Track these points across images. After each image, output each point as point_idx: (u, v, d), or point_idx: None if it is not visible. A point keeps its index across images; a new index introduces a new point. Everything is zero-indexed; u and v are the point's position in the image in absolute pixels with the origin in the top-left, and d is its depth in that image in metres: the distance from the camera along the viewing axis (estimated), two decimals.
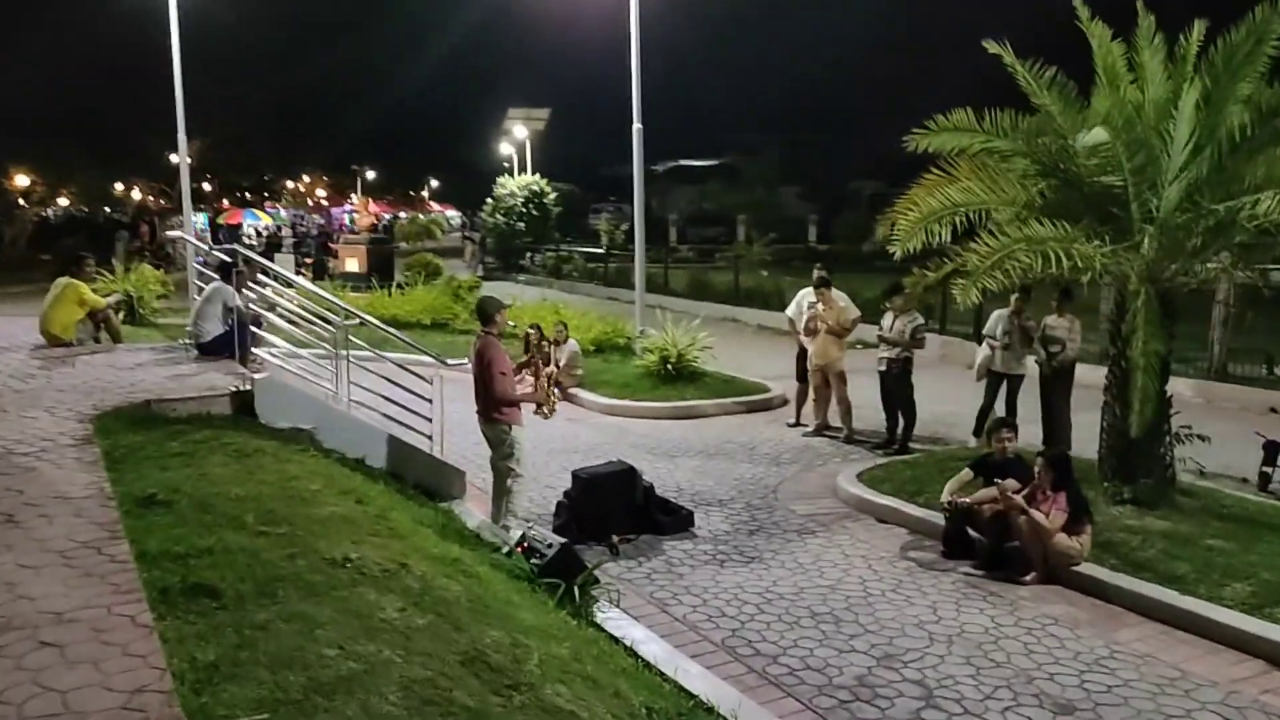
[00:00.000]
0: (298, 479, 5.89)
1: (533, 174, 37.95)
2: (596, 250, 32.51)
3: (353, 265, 25.88)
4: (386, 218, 68.23)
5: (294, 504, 5.32)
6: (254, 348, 8.81)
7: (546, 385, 8.69)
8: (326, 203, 78.06)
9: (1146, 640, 5.95)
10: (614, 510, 7.74)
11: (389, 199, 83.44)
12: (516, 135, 39.65)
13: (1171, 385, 7.86)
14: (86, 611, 3.76)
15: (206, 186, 61.36)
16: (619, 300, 24.13)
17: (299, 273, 23.55)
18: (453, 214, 79.10)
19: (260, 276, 9.65)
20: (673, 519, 7.96)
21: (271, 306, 9.47)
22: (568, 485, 8.10)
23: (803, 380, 11.51)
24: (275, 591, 4.00)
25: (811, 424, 11.26)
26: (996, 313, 10.16)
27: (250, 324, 8.90)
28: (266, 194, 72.24)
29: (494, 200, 37.92)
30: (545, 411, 8.68)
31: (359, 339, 8.68)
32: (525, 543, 6.26)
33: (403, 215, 72.90)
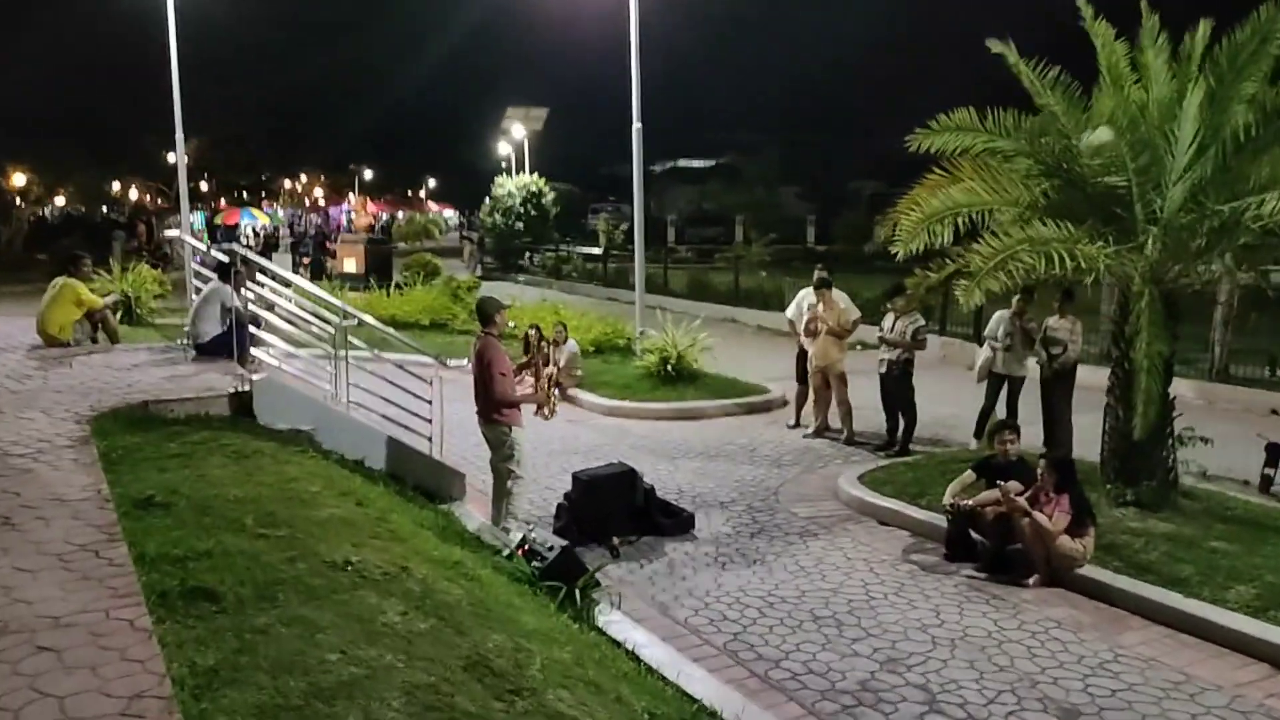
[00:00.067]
0: (297, 480, 5.85)
1: (531, 174, 37.89)
2: (595, 250, 32.49)
3: (350, 265, 25.85)
4: (384, 217, 68.25)
5: (293, 506, 5.29)
6: (252, 348, 8.78)
7: (547, 386, 8.64)
8: (324, 202, 78.05)
9: (1150, 644, 5.92)
10: (614, 512, 7.71)
11: (386, 199, 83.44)
12: (515, 135, 39.58)
13: (1173, 387, 7.83)
14: (84, 615, 3.73)
15: (204, 186, 61.29)
16: (618, 300, 24.10)
17: (296, 273, 23.48)
18: (450, 214, 79.12)
19: (259, 276, 9.62)
20: (674, 521, 7.93)
21: (270, 307, 9.44)
22: (568, 487, 8.07)
23: (803, 381, 11.47)
24: (275, 595, 3.97)
25: (812, 425, 11.23)
26: (998, 314, 10.12)
27: (248, 324, 8.86)
28: (264, 194, 72.15)
29: (492, 200, 37.87)
30: (546, 413, 8.64)
31: (358, 339, 8.65)
32: (526, 545, 6.23)
33: (400, 215, 72.84)
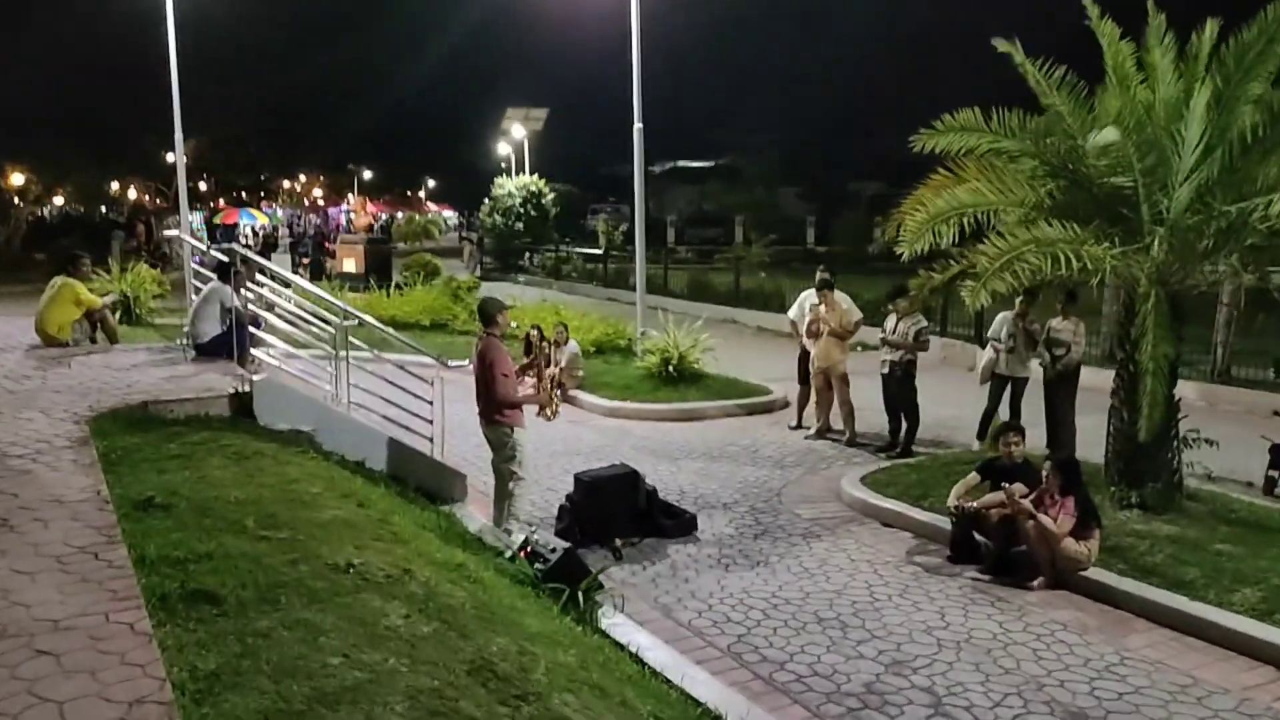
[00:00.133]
0: (298, 482, 5.81)
1: (531, 174, 37.86)
2: (595, 251, 32.47)
3: (350, 265, 25.76)
4: (384, 218, 68.21)
5: (295, 507, 5.24)
6: (252, 348, 8.74)
7: (550, 387, 8.61)
8: (323, 203, 78.01)
9: (1156, 646, 5.88)
10: (617, 514, 7.67)
11: (386, 199, 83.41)
12: (514, 135, 39.53)
13: (1176, 388, 7.80)
14: (84, 619, 3.68)
15: (203, 186, 61.21)
16: (618, 301, 24.08)
17: (295, 273, 23.44)
18: (449, 214, 79.05)
19: (259, 276, 9.57)
20: (676, 522, 7.89)
21: (270, 307, 9.40)
22: (569, 488, 8.04)
23: (805, 382, 11.43)
24: (277, 598, 3.92)
25: (814, 427, 11.19)
26: (1001, 315, 10.07)
27: (248, 324, 8.82)
28: (263, 194, 72.11)
29: (492, 200, 37.85)
30: (549, 414, 8.61)
31: (358, 340, 8.61)
32: (528, 547, 6.20)
33: (400, 215, 72.80)
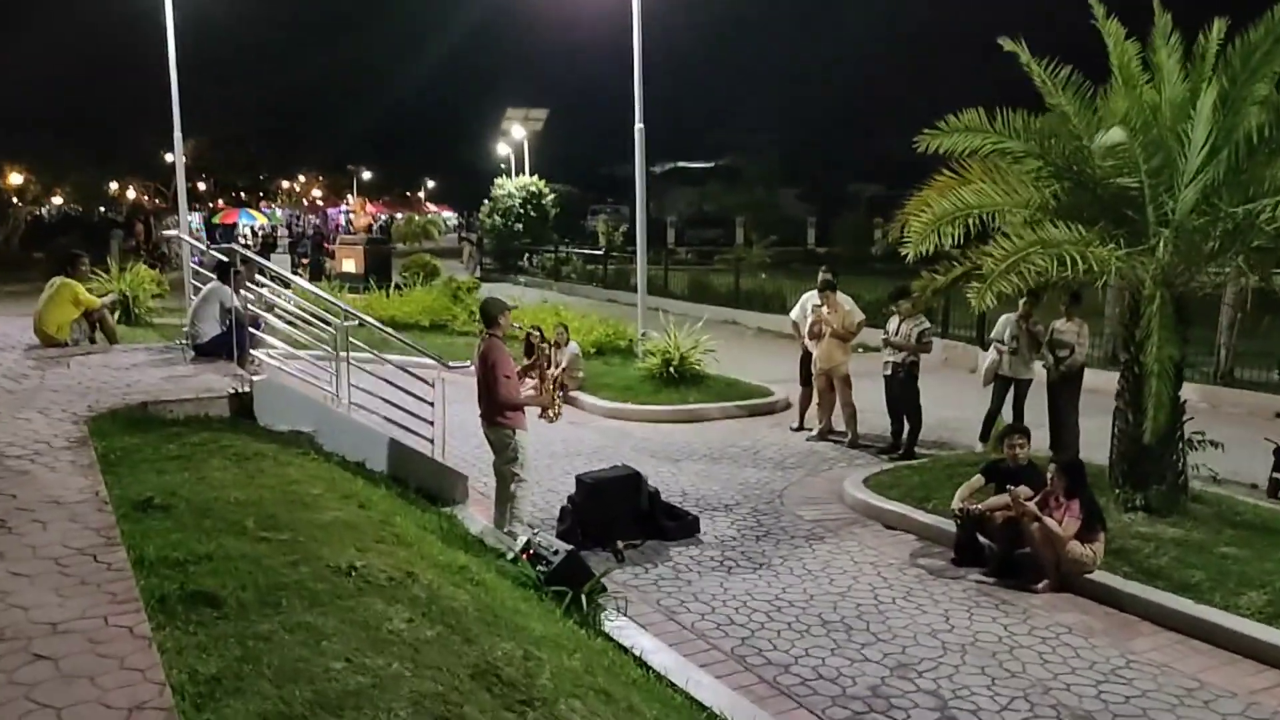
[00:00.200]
0: (298, 483, 5.77)
1: (530, 175, 37.81)
2: (595, 252, 32.43)
3: (350, 266, 25.71)
4: (383, 218, 68.15)
5: (295, 509, 5.20)
6: (252, 349, 8.69)
7: (551, 389, 8.56)
8: (322, 203, 77.90)
9: (1162, 649, 5.85)
10: (619, 516, 7.62)
11: (385, 199, 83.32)
12: (514, 135, 39.48)
13: (1181, 390, 7.76)
14: (82, 622, 3.64)
15: (202, 186, 61.15)
16: (618, 302, 24.05)
17: (295, 274, 23.39)
18: (449, 215, 78.98)
19: (258, 277, 9.53)
20: (678, 524, 7.84)
21: (270, 307, 9.36)
22: (570, 489, 8.00)
23: (806, 384, 11.40)
24: (278, 600, 3.88)
25: (815, 428, 11.16)
26: (1004, 317, 10.03)
27: (248, 325, 8.77)
28: (262, 194, 72.03)
29: (491, 201, 37.80)
30: (551, 415, 8.55)
31: (358, 340, 8.56)
32: (531, 549, 6.15)
33: (399, 216, 72.74)
